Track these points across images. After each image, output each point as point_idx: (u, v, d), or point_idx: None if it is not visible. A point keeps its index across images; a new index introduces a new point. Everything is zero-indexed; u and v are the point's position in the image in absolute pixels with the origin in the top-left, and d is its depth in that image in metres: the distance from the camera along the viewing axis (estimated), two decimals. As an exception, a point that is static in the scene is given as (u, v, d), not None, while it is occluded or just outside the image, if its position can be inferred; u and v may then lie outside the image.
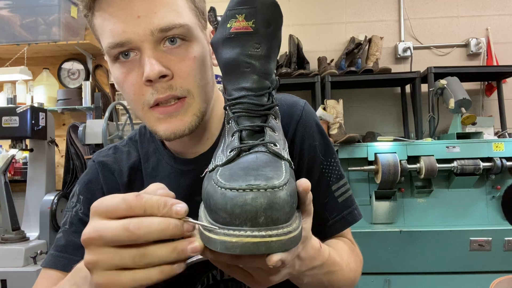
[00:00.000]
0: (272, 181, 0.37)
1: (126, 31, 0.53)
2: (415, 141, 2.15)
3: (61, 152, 2.75)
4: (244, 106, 0.48)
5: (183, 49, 0.57)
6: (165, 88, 0.56)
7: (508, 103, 2.65)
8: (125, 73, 0.57)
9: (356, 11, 2.85)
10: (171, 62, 0.56)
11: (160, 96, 0.56)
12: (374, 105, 2.81)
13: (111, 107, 2.18)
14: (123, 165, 0.71)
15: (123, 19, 0.53)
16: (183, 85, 0.57)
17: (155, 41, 0.55)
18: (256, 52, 0.48)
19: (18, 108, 2.07)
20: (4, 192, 2.05)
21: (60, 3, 2.57)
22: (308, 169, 0.68)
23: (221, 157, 0.46)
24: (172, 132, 0.58)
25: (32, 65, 2.69)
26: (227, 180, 0.38)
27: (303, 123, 0.68)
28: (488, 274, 1.94)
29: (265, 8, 0.48)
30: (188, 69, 0.57)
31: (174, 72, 0.56)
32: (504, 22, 2.77)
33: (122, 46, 0.54)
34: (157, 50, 0.55)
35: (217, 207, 0.37)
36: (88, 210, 0.68)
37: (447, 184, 2.12)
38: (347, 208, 0.69)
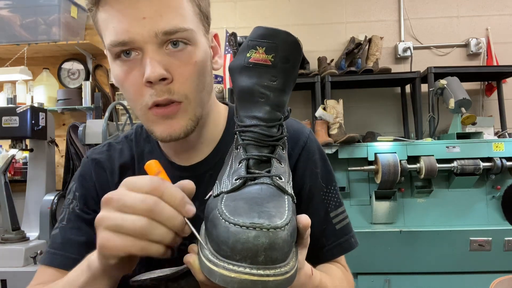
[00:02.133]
0: (275, 221, 0.38)
1: (130, 31, 0.53)
2: (415, 141, 2.15)
3: (61, 152, 2.75)
4: (254, 135, 0.49)
5: (185, 53, 0.57)
6: (164, 91, 0.56)
7: (508, 103, 2.65)
8: (126, 72, 0.57)
9: (356, 11, 2.85)
10: (172, 66, 0.56)
11: (158, 99, 0.56)
12: (374, 105, 2.81)
13: (111, 107, 2.18)
14: (115, 163, 0.71)
15: (128, 18, 0.53)
16: (181, 90, 0.57)
17: (158, 43, 0.55)
18: (272, 84, 0.50)
19: (18, 108, 2.07)
20: (4, 192, 2.05)
21: (60, 3, 2.57)
22: (308, 195, 0.69)
23: (226, 183, 0.47)
24: (168, 134, 0.59)
25: (32, 65, 2.69)
26: (232, 213, 0.39)
27: (307, 149, 0.69)
28: (488, 274, 1.94)
29: (286, 45, 0.49)
30: (188, 74, 0.57)
31: (174, 76, 0.56)
32: (504, 22, 2.76)
33: (124, 45, 0.54)
34: (160, 52, 0.55)
35: (219, 239, 0.39)
36: (84, 206, 0.69)
37: (447, 184, 2.12)
38: (344, 236, 0.71)
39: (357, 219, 2.10)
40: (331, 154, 2.13)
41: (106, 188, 0.70)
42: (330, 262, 0.71)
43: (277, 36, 0.48)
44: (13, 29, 2.60)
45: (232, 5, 2.87)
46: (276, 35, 0.48)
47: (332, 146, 2.11)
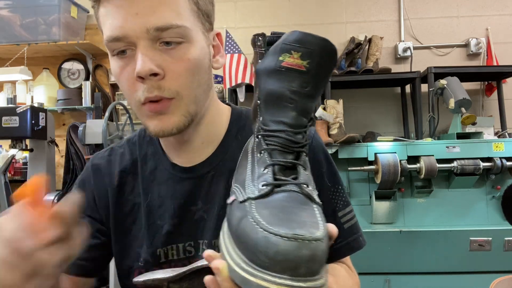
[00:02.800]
0: (315, 233, 0.38)
1: (123, 27, 0.54)
2: (415, 141, 2.15)
3: (61, 152, 2.75)
4: (280, 140, 0.48)
5: (179, 50, 0.57)
6: (154, 88, 0.56)
7: (508, 103, 2.65)
8: (121, 67, 0.58)
9: (356, 11, 2.85)
10: (164, 62, 0.56)
11: (149, 95, 0.56)
12: (374, 105, 2.80)
13: (111, 107, 2.18)
14: (115, 167, 0.72)
15: (123, 14, 0.54)
16: (172, 86, 0.57)
17: (151, 39, 0.55)
18: (303, 90, 0.49)
19: (18, 108, 2.07)
20: (4, 192, 2.05)
21: (60, 3, 2.57)
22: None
23: (251, 189, 0.46)
24: (161, 129, 0.59)
25: (32, 65, 2.69)
26: (270, 222, 0.38)
27: (312, 150, 0.69)
28: (488, 274, 1.94)
29: (324, 52, 0.48)
30: (181, 70, 0.57)
31: (166, 72, 0.56)
32: (504, 22, 2.76)
33: (118, 40, 0.55)
34: (152, 48, 0.55)
35: (257, 249, 0.37)
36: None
37: (447, 184, 2.12)
38: (353, 235, 0.70)
39: (357, 219, 2.10)
40: (331, 154, 2.13)
41: (104, 194, 0.71)
42: (336, 262, 0.70)
43: (315, 42, 0.47)
44: (13, 29, 2.60)
45: (232, 5, 2.87)
46: (315, 42, 0.47)
47: (332, 146, 2.11)
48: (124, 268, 0.69)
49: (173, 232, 0.66)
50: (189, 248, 0.66)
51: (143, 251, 0.67)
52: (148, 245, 0.66)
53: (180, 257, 0.66)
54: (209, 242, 0.66)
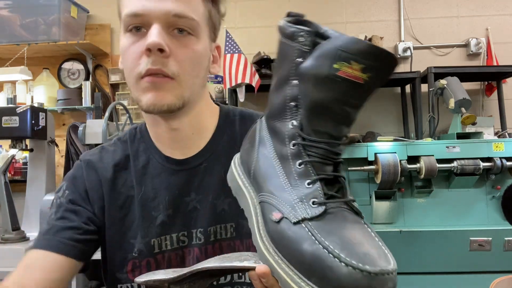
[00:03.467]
0: (393, 263, 0.37)
1: (145, 6, 0.60)
2: (415, 141, 2.15)
3: (61, 152, 2.75)
4: (323, 152, 0.46)
5: (187, 39, 0.63)
6: (158, 62, 0.60)
7: (508, 103, 2.65)
8: (131, 42, 0.62)
9: (356, 11, 2.85)
10: (173, 44, 0.61)
11: (152, 67, 0.60)
12: (374, 105, 2.80)
13: (111, 107, 2.18)
14: (108, 162, 0.74)
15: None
16: (174, 67, 0.61)
17: (167, 22, 0.60)
18: (355, 103, 0.45)
19: (18, 108, 2.07)
20: (4, 192, 2.05)
21: (60, 3, 2.57)
22: None
23: (302, 207, 0.43)
24: (153, 103, 0.62)
25: (32, 65, 2.68)
26: (349, 254, 0.37)
27: None
28: (488, 274, 1.94)
29: (387, 68, 0.43)
30: (185, 56, 0.62)
31: (172, 53, 0.61)
32: (504, 22, 2.76)
33: (137, 16, 0.60)
34: (166, 30, 0.61)
35: (340, 284, 0.37)
36: (70, 203, 0.71)
37: (447, 184, 2.12)
38: None
39: (357, 219, 2.10)
40: (331, 154, 2.13)
41: (97, 187, 0.72)
42: None
43: (382, 57, 0.42)
44: (13, 29, 2.60)
45: (232, 5, 2.87)
46: (381, 56, 0.42)
47: (332, 146, 2.11)
48: (117, 260, 0.71)
49: (167, 222, 0.69)
50: (182, 238, 0.69)
51: (137, 241, 0.69)
52: (142, 236, 0.69)
53: (174, 246, 0.69)
54: (205, 230, 0.68)
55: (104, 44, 2.89)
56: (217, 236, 0.69)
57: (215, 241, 0.69)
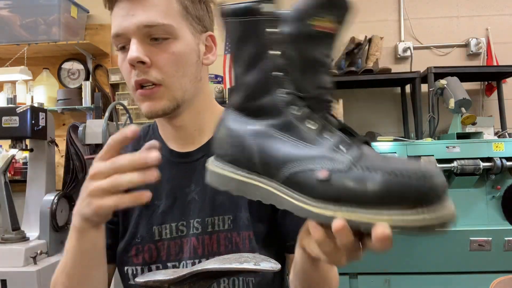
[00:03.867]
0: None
1: (121, 25, 0.67)
2: (415, 141, 2.15)
3: (61, 152, 2.75)
4: (323, 104, 0.48)
5: (165, 44, 0.67)
6: (142, 73, 0.67)
7: (508, 103, 2.65)
8: (122, 59, 0.70)
9: (356, 11, 2.85)
10: (151, 53, 0.66)
11: (137, 78, 0.67)
12: (374, 105, 2.80)
13: (111, 107, 2.18)
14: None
15: (122, 16, 0.67)
16: (158, 74, 0.67)
17: (142, 34, 0.66)
18: (332, 53, 0.49)
19: (18, 108, 2.07)
20: (4, 192, 2.05)
21: (60, 3, 2.57)
22: None
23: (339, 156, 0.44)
24: (149, 111, 0.69)
25: (32, 65, 2.68)
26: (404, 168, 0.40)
27: None
28: (488, 274, 1.94)
29: (349, 12, 0.49)
30: (165, 61, 0.67)
31: (153, 62, 0.67)
32: (504, 22, 2.76)
33: (118, 36, 0.68)
34: (143, 42, 0.66)
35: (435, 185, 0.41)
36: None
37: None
38: None
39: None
40: (331, 154, 2.13)
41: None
42: None
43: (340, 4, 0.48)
44: (13, 29, 2.60)
45: (232, 5, 2.87)
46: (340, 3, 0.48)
47: (332, 146, 2.11)
48: (123, 244, 0.76)
49: (167, 212, 0.74)
50: (181, 228, 0.74)
51: (140, 228, 0.75)
52: (145, 223, 0.75)
53: (172, 235, 0.74)
54: (202, 220, 0.73)
55: (104, 44, 2.89)
56: (214, 227, 0.72)
57: (212, 232, 0.72)
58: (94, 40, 2.85)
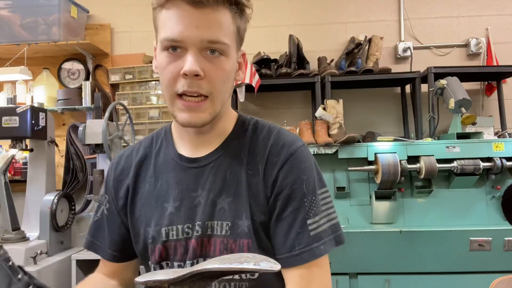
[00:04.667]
0: None
1: (182, 33, 0.66)
2: (415, 141, 2.15)
3: (61, 152, 2.75)
4: None
5: (219, 60, 0.69)
6: (194, 85, 0.68)
7: (508, 103, 2.65)
8: (169, 62, 0.69)
9: (356, 11, 2.85)
10: (206, 67, 0.68)
11: (189, 89, 0.68)
12: (374, 105, 2.81)
13: (111, 107, 2.18)
14: (132, 159, 0.86)
15: (184, 24, 0.66)
16: (208, 87, 0.69)
17: (201, 47, 0.67)
18: None
19: (18, 108, 2.07)
20: (4, 192, 2.05)
21: (60, 3, 2.57)
22: (288, 197, 0.73)
23: None
24: (188, 122, 0.71)
25: (32, 65, 2.69)
26: None
27: (296, 157, 0.75)
28: (488, 274, 1.94)
29: None
30: (216, 76, 0.69)
31: (206, 75, 0.68)
32: (504, 22, 2.77)
33: (175, 42, 0.67)
34: (200, 54, 0.68)
35: None
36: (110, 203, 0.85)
37: (447, 184, 2.12)
38: (317, 242, 0.72)
39: (357, 219, 2.10)
40: (331, 154, 2.13)
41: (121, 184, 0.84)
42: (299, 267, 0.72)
43: None
44: (13, 29, 2.60)
45: (232, 5, 2.87)
46: None
47: (332, 146, 2.11)
48: (140, 243, 0.81)
49: (175, 213, 0.77)
50: (187, 230, 0.76)
51: (151, 229, 0.78)
52: (155, 224, 0.77)
53: (179, 237, 0.76)
54: (203, 223, 0.74)
55: (104, 44, 2.89)
56: (213, 231, 0.74)
57: (211, 236, 0.74)
58: (94, 40, 2.85)
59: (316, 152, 2.13)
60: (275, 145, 0.76)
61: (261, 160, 0.76)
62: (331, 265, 0.77)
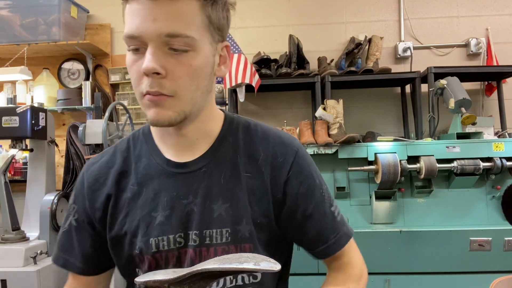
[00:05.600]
0: None
1: (139, 28, 0.61)
2: (415, 141, 2.15)
3: (61, 152, 2.75)
4: None
5: (184, 56, 0.63)
6: (155, 84, 0.62)
7: (508, 103, 2.65)
8: (133, 61, 0.65)
9: (356, 11, 2.85)
10: (168, 64, 0.62)
11: (150, 89, 0.63)
12: (374, 105, 2.81)
13: (111, 107, 2.18)
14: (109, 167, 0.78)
15: (142, 17, 0.61)
16: (172, 86, 0.63)
17: (161, 42, 0.61)
18: None
19: (18, 108, 2.07)
20: (4, 192, 2.05)
21: (60, 3, 2.57)
22: (308, 193, 0.75)
23: None
24: (155, 119, 0.65)
25: (32, 65, 2.69)
26: None
27: (300, 155, 0.76)
28: (488, 274, 1.94)
29: None
30: (181, 74, 0.63)
31: (168, 73, 0.62)
32: (504, 22, 2.77)
33: (132, 38, 0.62)
34: (161, 50, 0.62)
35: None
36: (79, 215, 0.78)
37: (447, 184, 2.12)
38: (344, 225, 0.78)
39: (357, 219, 2.10)
40: (331, 154, 2.13)
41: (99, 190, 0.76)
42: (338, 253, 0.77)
43: None
44: (13, 29, 2.60)
45: (232, 5, 2.87)
46: None
47: (332, 146, 2.11)
48: (124, 256, 0.75)
49: (165, 223, 0.71)
50: (179, 239, 0.71)
51: (138, 240, 0.72)
52: (142, 234, 0.71)
53: (170, 247, 0.71)
54: (200, 232, 0.70)
55: (104, 44, 2.89)
56: (212, 240, 0.70)
57: (210, 245, 0.70)
58: (94, 40, 2.85)
59: (316, 152, 2.13)
60: (277, 146, 0.75)
61: (264, 162, 0.73)
62: (331, 265, 0.79)
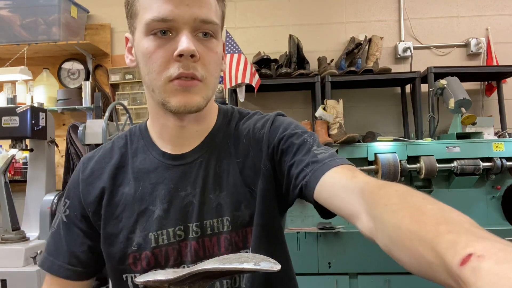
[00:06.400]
0: None
1: (174, 11, 0.61)
2: (415, 141, 2.15)
3: (61, 152, 2.75)
4: None
5: (211, 43, 0.66)
6: (190, 67, 0.63)
7: (508, 103, 2.65)
8: (157, 46, 0.63)
9: (356, 11, 2.85)
10: (200, 48, 0.64)
11: (185, 71, 0.63)
12: (374, 105, 2.81)
13: (111, 107, 2.18)
14: (106, 161, 0.77)
15: (175, 2, 0.62)
16: (203, 71, 0.65)
17: (194, 27, 0.63)
18: None
19: (18, 108, 2.07)
20: (4, 192, 2.05)
21: (60, 3, 2.57)
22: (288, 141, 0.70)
23: None
24: (183, 105, 0.65)
25: (32, 65, 2.69)
26: None
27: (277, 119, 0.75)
28: (488, 274, 1.94)
29: None
30: (210, 59, 0.66)
31: (200, 57, 0.64)
32: (504, 22, 2.76)
33: (165, 21, 0.62)
34: (193, 35, 0.64)
35: None
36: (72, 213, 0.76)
37: (447, 184, 2.12)
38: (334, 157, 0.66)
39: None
40: (331, 154, 2.13)
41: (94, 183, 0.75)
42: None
43: None
44: (13, 29, 2.60)
45: (232, 5, 2.87)
46: None
47: (332, 146, 2.11)
48: (118, 254, 0.72)
49: (163, 216, 0.71)
50: (179, 232, 0.70)
51: (136, 236, 0.71)
52: (141, 230, 0.71)
53: (170, 241, 0.70)
54: (201, 223, 0.70)
55: (104, 44, 2.89)
56: (214, 229, 0.70)
57: (212, 235, 0.70)
58: (94, 40, 2.85)
59: (316, 152, 2.13)
60: (259, 121, 0.75)
61: (248, 141, 0.73)
62: (331, 265, 0.77)
